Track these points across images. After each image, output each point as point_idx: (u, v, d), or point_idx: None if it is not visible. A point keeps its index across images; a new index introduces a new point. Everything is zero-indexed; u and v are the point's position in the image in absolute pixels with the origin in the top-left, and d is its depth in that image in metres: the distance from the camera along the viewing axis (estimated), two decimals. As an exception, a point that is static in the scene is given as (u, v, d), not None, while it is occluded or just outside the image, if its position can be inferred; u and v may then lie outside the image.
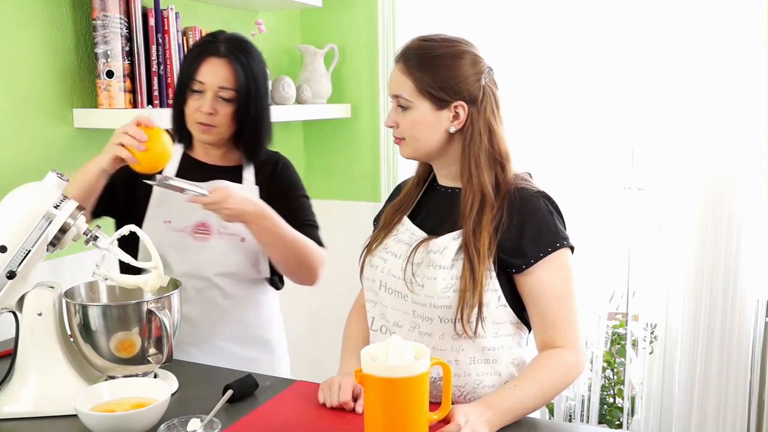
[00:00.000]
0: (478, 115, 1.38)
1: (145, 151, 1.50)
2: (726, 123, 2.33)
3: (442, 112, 1.37)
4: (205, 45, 1.68)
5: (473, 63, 1.38)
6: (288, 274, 1.77)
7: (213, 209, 1.54)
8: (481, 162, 1.37)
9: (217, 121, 1.65)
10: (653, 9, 2.41)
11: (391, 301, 1.43)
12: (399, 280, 1.41)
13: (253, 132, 1.71)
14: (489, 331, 1.37)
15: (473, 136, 1.38)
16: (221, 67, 1.64)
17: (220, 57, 1.64)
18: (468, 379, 1.39)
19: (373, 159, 2.93)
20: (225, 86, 1.64)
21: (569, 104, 2.55)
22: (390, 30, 2.76)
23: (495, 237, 1.35)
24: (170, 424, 1.22)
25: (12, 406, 1.35)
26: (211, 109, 1.64)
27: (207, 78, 1.63)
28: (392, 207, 1.53)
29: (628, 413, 2.69)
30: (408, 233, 1.45)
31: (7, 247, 1.32)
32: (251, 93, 1.66)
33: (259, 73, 1.69)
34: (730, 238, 2.36)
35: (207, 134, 1.68)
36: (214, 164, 1.76)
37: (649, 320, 2.60)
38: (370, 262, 1.49)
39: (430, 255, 1.38)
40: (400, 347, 1.14)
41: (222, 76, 1.64)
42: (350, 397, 1.36)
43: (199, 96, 1.65)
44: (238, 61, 1.65)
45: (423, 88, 1.36)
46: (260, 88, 1.69)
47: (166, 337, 1.38)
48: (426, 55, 1.38)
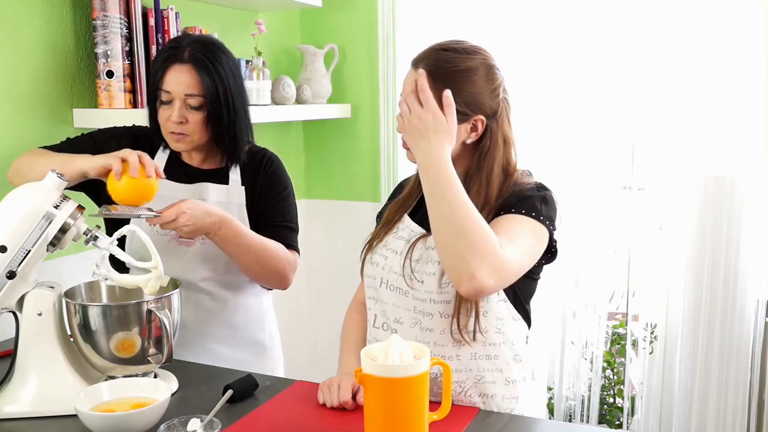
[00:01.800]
0: (497, 128, 1.39)
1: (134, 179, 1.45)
2: (726, 122, 2.33)
3: (461, 125, 1.36)
4: (168, 51, 1.62)
5: (490, 77, 1.38)
6: (255, 280, 1.75)
7: (170, 228, 1.53)
8: (494, 174, 1.38)
9: (188, 129, 1.62)
10: (653, 9, 2.42)
11: (391, 298, 1.43)
12: (399, 277, 1.41)
13: (230, 135, 1.66)
14: (491, 327, 1.38)
15: (490, 149, 1.39)
16: (185, 73, 1.58)
17: (183, 63, 1.58)
18: (469, 374, 1.39)
19: (373, 159, 2.93)
20: (191, 93, 1.59)
21: (569, 104, 2.55)
22: (390, 30, 2.76)
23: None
24: (170, 424, 1.22)
25: (12, 406, 1.35)
26: (180, 118, 1.60)
27: (172, 86, 1.59)
28: (394, 205, 1.54)
29: (628, 413, 2.69)
30: (408, 230, 1.46)
31: (7, 247, 1.33)
32: (220, 98, 1.60)
33: (228, 75, 1.62)
34: (729, 238, 2.36)
35: (181, 143, 1.64)
36: (199, 167, 1.74)
37: (649, 320, 2.60)
38: (370, 260, 1.49)
39: (429, 251, 1.39)
40: (400, 347, 1.14)
41: (187, 83, 1.58)
42: (350, 396, 1.36)
43: (168, 106, 1.61)
44: (203, 66, 1.59)
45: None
46: (230, 90, 1.62)
47: (166, 337, 1.39)
48: (449, 68, 1.36)
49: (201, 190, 1.71)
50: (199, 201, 1.59)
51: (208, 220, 1.55)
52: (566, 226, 2.53)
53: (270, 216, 1.74)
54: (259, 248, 1.65)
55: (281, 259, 1.70)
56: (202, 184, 1.71)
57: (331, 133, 3.00)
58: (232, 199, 1.72)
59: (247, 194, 1.74)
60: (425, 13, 2.69)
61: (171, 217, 1.51)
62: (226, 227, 1.58)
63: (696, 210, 2.41)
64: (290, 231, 1.77)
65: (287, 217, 1.77)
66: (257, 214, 1.74)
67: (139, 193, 1.48)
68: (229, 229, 1.59)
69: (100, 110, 1.99)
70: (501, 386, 1.40)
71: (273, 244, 1.69)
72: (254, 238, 1.65)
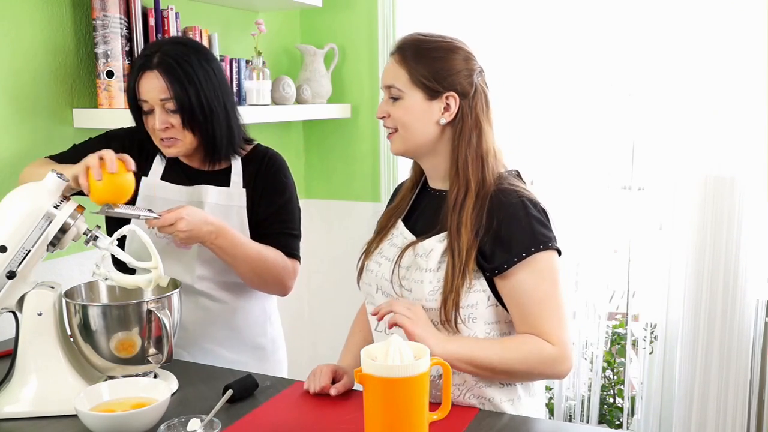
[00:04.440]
0: (469, 110, 1.40)
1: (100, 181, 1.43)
2: (726, 122, 2.33)
3: (433, 102, 1.39)
4: (138, 60, 1.62)
5: (466, 59, 1.42)
6: (253, 287, 1.74)
7: (167, 232, 1.53)
8: (468, 157, 1.39)
9: (176, 133, 1.60)
10: (653, 8, 2.42)
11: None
12: (390, 284, 1.42)
13: (212, 135, 1.63)
14: (480, 332, 1.38)
15: (463, 131, 1.40)
16: (154, 79, 1.57)
17: (152, 69, 1.57)
18: (466, 377, 1.39)
19: (373, 159, 2.93)
20: (164, 98, 1.57)
21: (569, 104, 2.55)
22: (390, 30, 2.76)
23: (475, 239, 1.35)
24: (170, 424, 1.22)
25: (12, 406, 1.35)
26: (164, 123, 1.58)
27: (147, 95, 1.58)
28: (388, 211, 1.55)
29: (628, 413, 2.69)
30: (401, 237, 1.46)
31: (7, 247, 1.33)
32: (191, 98, 1.57)
33: (199, 74, 1.59)
34: (729, 238, 2.36)
35: (173, 148, 1.62)
36: (200, 169, 1.72)
37: (649, 320, 2.61)
38: (367, 267, 1.50)
39: (417, 258, 1.39)
40: (400, 347, 1.14)
41: (158, 88, 1.57)
42: (329, 381, 1.42)
43: (151, 114, 1.60)
44: (170, 69, 1.57)
45: (416, 78, 1.38)
46: (203, 90, 1.59)
47: (166, 337, 1.39)
48: (421, 47, 1.40)
49: (200, 193, 1.70)
50: (198, 209, 1.58)
51: (204, 229, 1.55)
52: (566, 226, 2.54)
53: (270, 223, 1.72)
54: (255, 258, 1.64)
55: (279, 268, 1.69)
56: (201, 187, 1.70)
57: (331, 133, 3.00)
58: (233, 201, 1.71)
59: (248, 196, 1.72)
60: (425, 14, 2.69)
61: (170, 221, 1.51)
62: (222, 237, 1.58)
63: (696, 210, 2.41)
64: (291, 238, 1.75)
65: (288, 224, 1.75)
66: (258, 221, 1.72)
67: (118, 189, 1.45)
68: (225, 239, 1.59)
69: (100, 110, 1.99)
70: (497, 389, 1.40)
71: (270, 253, 1.68)
72: (251, 248, 1.64)
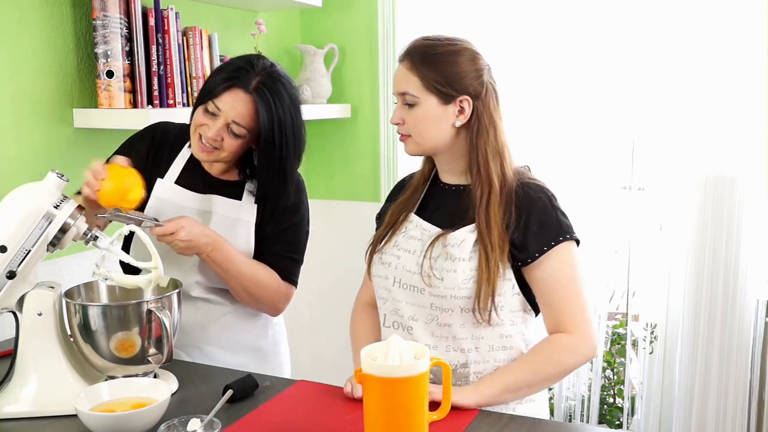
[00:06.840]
0: (483, 109, 1.43)
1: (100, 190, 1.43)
2: (726, 122, 2.33)
3: (448, 106, 1.42)
4: (237, 72, 1.55)
5: (474, 60, 1.44)
6: (243, 303, 1.72)
7: (166, 241, 1.53)
8: (488, 154, 1.43)
9: (222, 147, 1.59)
10: (653, 8, 2.42)
11: (405, 296, 1.45)
12: (415, 275, 1.43)
13: (273, 178, 1.63)
14: (506, 319, 1.43)
15: (480, 130, 1.43)
16: (244, 103, 1.54)
17: (248, 93, 1.54)
18: (486, 365, 1.44)
19: (373, 159, 2.93)
20: (239, 122, 1.55)
21: (569, 103, 2.55)
22: (390, 30, 2.76)
23: (506, 232, 1.40)
24: (170, 424, 1.22)
25: (12, 406, 1.35)
26: (217, 136, 1.56)
27: (224, 106, 1.54)
28: (397, 205, 1.55)
29: (628, 413, 2.69)
30: (419, 229, 1.48)
31: (7, 247, 1.33)
32: (275, 139, 1.56)
33: (286, 118, 1.57)
34: (730, 238, 2.36)
35: (204, 153, 1.60)
36: (217, 176, 1.71)
37: (649, 320, 2.61)
38: (381, 260, 1.51)
39: (448, 248, 1.41)
40: (400, 347, 1.14)
41: (240, 112, 1.54)
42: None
43: (210, 117, 1.56)
44: (265, 102, 1.54)
45: (430, 83, 1.41)
46: (286, 134, 1.58)
47: (166, 337, 1.39)
48: (430, 52, 1.42)
49: (210, 202, 1.69)
50: (197, 220, 1.58)
51: (202, 240, 1.56)
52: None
53: (274, 242, 1.70)
54: (248, 276, 1.64)
55: (271, 291, 1.68)
56: (212, 196, 1.69)
57: (331, 133, 3.00)
58: (241, 215, 1.68)
59: (259, 211, 1.70)
60: (425, 14, 2.69)
61: (171, 230, 1.51)
62: (218, 250, 1.58)
63: (696, 210, 2.41)
64: (291, 262, 1.73)
65: (292, 247, 1.73)
66: (262, 237, 1.70)
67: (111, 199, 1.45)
68: (220, 253, 1.59)
69: (100, 110, 1.99)
70: None
71: (265, 274, 1.67)
72: (244, 266, 1.63)
